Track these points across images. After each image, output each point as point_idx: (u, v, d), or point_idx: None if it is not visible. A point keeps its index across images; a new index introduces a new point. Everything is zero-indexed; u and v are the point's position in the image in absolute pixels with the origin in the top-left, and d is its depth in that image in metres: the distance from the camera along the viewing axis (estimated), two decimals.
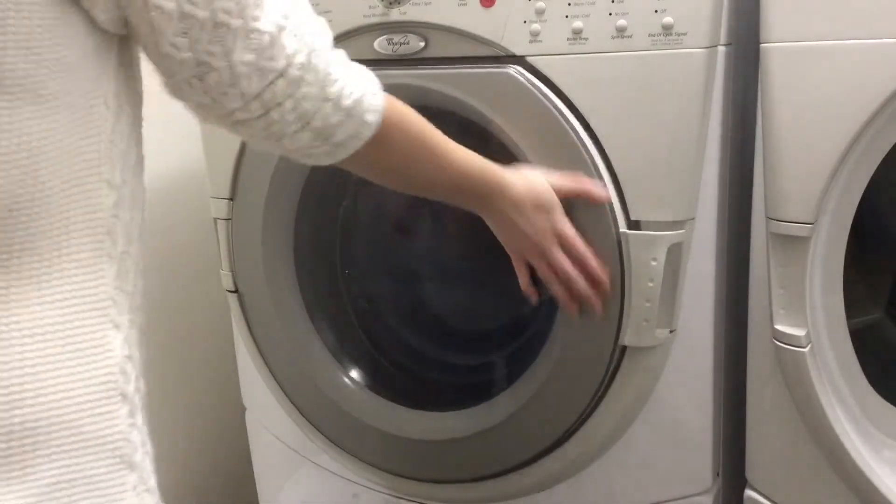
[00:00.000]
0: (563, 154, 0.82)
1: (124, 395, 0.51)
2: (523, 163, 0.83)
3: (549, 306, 0.91)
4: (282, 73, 0.54)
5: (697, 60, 0.75)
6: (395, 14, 0.86)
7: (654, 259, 0.79)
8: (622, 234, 0.80)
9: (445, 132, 0.71)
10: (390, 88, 0.65)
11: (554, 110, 0.81)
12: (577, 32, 0.78)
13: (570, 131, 0.81)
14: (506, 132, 0.85)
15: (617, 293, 0.82)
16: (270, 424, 1.18)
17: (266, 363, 1.09)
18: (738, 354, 0.87)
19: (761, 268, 0.79)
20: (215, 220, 1.07)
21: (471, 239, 1.06)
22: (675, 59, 0.75)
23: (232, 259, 1.07)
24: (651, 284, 0.80)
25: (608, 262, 0.81)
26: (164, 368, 1.33)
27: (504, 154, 0.88)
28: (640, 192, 0.80)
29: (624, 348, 0.84)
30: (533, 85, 0.81)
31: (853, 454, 0.77)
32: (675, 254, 0.80)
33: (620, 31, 0.76)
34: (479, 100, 0.84)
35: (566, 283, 0.81)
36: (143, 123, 0.57)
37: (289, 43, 0.54)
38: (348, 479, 1.11)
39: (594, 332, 0.84)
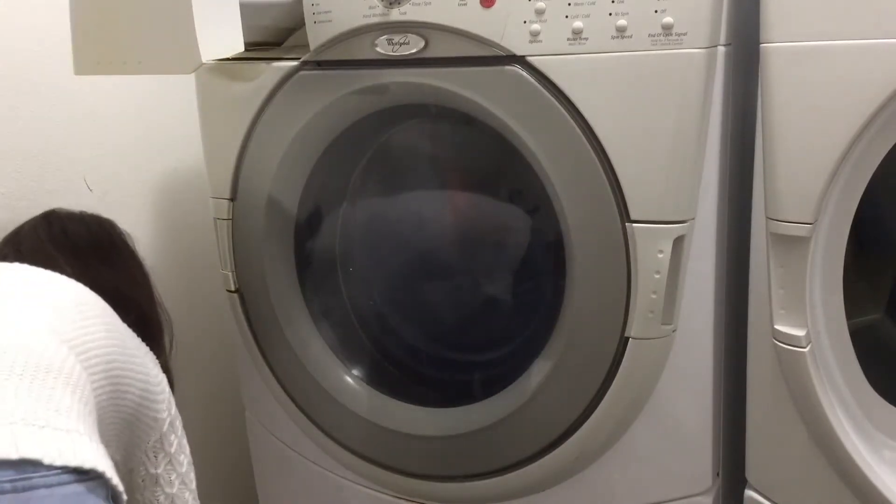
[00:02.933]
0: (564, 153, 0.82)
1: None
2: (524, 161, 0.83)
3: (550, 303, 0.91)
4: None
5: (697, 60, 0.75)
6: (395, 14, 0.86)
7: (661, 251, 0.80)
8: (628, 227, 0.81)
9: (445, 129, 0.71)
10: (391, 87, 0.65)
11: (554, 110, 0.81)
12: (577, 32, 0.78)
13: (571, 131, 0.81)
14: (506, 131, 0.85)
15: (623, 286, 0.82)
16: (270, 424, 1.18)
17: (266, 363, 1.09)
18: (738, 354, 0.87)
19: (761, 268, 0.79)
20: (215, 220, 1.07)
21: (471, 237, 1.06)
22: (675, 59, 0.75)
23: (232, 259, 1.07)
24: (658, 276, 0.80)
25: (615, 255, 0.81)
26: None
27: (505, 153, 0.88)
28: (640, 193, 0.80)
29: (626, 344, 0.84)
30: (533, 85, 0.81)
31: (853, 454, 0.77)
32: (679, 247, 0.81)
33: (620, 31, 0.76)
34: (479, 99, 0.84)
35: None
36: (144, 124, 0.57)
37: None
38: (348, 479, 1.11)
39: (600, 325, 0.84)
